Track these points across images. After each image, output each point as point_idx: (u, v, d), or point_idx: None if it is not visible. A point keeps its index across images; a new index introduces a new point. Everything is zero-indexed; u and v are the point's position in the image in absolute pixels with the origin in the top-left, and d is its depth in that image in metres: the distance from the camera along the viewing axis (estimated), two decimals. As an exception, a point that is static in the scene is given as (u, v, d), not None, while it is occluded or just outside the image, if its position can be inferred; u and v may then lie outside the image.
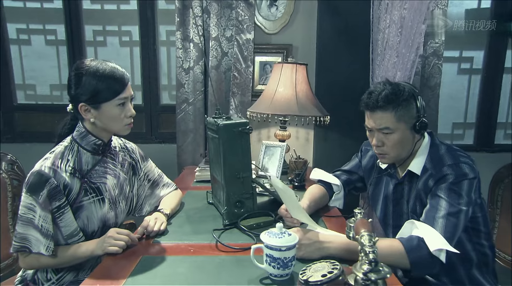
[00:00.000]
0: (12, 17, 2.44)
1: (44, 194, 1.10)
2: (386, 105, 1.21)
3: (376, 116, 1.24)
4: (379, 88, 1.23)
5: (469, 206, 1.14)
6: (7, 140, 2.50)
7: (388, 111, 1.21)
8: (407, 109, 1.22)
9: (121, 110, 1.19)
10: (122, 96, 1.18)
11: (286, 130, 2.09)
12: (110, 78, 1.16)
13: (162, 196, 1.47)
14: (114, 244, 1.09)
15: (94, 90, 1.14)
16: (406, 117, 1.22)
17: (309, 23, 2.35)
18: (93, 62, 1.18)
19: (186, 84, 2.31)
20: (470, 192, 1.15)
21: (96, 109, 1.17)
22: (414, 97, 1.23)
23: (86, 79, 1.14)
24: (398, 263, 1.05)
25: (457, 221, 1.10)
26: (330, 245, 1.06)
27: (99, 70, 1.15)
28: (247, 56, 2.28)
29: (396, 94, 1.20)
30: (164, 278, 0.96)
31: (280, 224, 0.98)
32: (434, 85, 2.30)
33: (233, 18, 2.25)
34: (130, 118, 1.22)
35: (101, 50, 2.49)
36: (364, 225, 0.78)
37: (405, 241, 1.06)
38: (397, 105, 1.20)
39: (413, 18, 1.70)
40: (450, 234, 1.08)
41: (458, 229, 1.10)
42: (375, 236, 0.75)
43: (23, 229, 1.11)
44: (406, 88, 1.23)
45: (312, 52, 2.35)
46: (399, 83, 1.25)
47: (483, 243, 1.31)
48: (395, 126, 1.22)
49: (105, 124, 1.20)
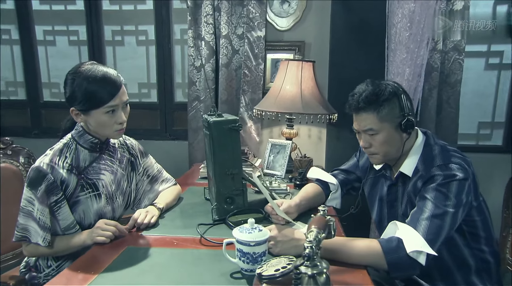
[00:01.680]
0: (39, 20, 2.64)
1: (42, 189, 1.19)
2: (367, 106, 1.20)
3: (360, 118, 1.24)
4: (361, 89, 1.23)
5: (457, 208, 1.11)
6: (34, 136, 2.72)
7: (370, 112, 1.21)
8: (389, 109, 1.20)
9: (111, 117, 1.23)
10: (110, 104, 1.21)
11: (293, 128, 2.11)
12: (99, 86, 1.19)
13: (160, 191, 1.54)
14: (101, 234, 1.18)
15: (83, 97, 1.19)
16: (389, 117, 1.20)
17: (322, 19, 2.34)
18: (87, 67, 1.21)
19: (198, 82, 2.39)
20: (459, 194, 1.12)
21: (86, 115, 1.23)
22: (396, 96, 1.21)
23: (77, 85, 1.19)
24: (376, 264, 1.05)
25: (441, 223, 1.08)
26: (307, 244, 1.08)
27: (90, 77, 1.19)
28: (258, 53, 2.32)
29: (377, 95, 1.20)
30: (140, 268, 1.03)
31: (252, 220, 1.01)
32: (455, 81, 2.22)
33: (244, 15, 2.30)
34: (120, 124, 1.26)
35: (119, 49, 2.63)
36: (317, 222, 0.80)
37: (384, 242, 1.06)
38: (378, 106, 1.20)
39: (421, 12, 1.66)
40: (432, 236, 1.06)
41: (443, 232, 1.08)
42: (323, 233, 0.76)
43: (23, 220, 1.22)
44: (388, 87, 1.21)
45: (325, 49, 2.34)
46: (381, 82, 1.24)
47: (483, 248, 1.27)
48: (378, 127, 1.21)
49: (95, 128, 1.26)
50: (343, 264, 1.04)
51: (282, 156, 1.99)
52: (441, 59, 2.19)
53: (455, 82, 2.22)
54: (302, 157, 1.94)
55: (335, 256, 1.05)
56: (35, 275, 1.34)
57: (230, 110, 2.38)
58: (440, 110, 2.27)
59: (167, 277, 0.98)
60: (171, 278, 0.97)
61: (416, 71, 1.81)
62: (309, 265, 0.70)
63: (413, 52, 1.76)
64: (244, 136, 2.37)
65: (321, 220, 0.83)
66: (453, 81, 2.22)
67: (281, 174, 1.94)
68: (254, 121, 2.38)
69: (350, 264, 1.05)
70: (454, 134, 2.28)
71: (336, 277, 0.98)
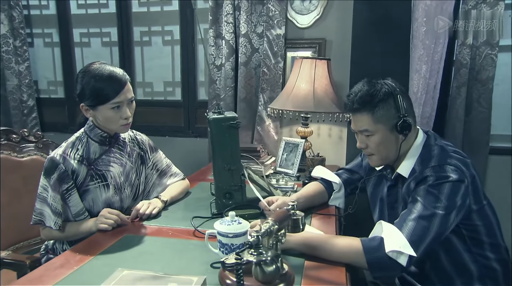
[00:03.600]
0: (76, 23, 2.89)
1: (54, 177, 1.35)
2: (362, 107, 1.22)
3: (356, 118, 1.26)
4: (357, 89, 1.25)
5: (449, 211, 1.10)
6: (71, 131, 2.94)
7: (364, 113, 1.22)
8: (384, 110, 1.21)
9: (116, 112, 1.37)
10: (115, 101, 1.34)
11: (308, 127, 2.14)
12: (106, 83, 1.33)
13: (168, 185, 1.66)
14: (104, 222, 1.31)
15: (91, 94, 1.34)
16: (384, 118, 1.21)
17: (344, 15, 2.33)
18: (95, 66, 1.37)
19: (218, 80, 2.49)
20: (453, 196, 1.11)
21: (94, 110, 1.38)
22: (392, 96, 1.21)
23: (86, 82, 1.35)
24: (356, 262, 1.07)
25: (428, 224, 1.07)
26: (290, 238, 1.12)
27: (97, 75, 1.34)
28: (277, 51, 2.37)
29: (371, 95, 1.21)
30: (131, 254, 1.14)
31: (232, 213, 1.08)
32: (486, 78, 2.12)
33: (264, 13, 2.36)
34: (126, 119, 1.39)
35: (147, 50, 2.81)
36: (276, 215, 0.85)
37: (366, 241, 1.07)
38: (373, 107, 1.21)
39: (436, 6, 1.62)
40: (417, 237, 1.06)
41: (428, 234, 1.07)
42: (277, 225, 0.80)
43: (39, 205, 1.38)
44: (384, 87, 1.22)
45: (346, 46, 2.33)
46: (378, 82, 1.24)
47: (487, 255, 1.24)
48: (373, 128, 1.23)
49: (103, 123, 1.40)
50: (325, 261, 1.07)
51: (294, 154, 2.03)
52: (471, 55, 2.10)
53: (486, 79, 2.12)
54: (315, 156, 1.97)
55: (317, 253, 1.09)
56: (51, 257, 1.50)
57: (249, 108, 2.45)
58: (470, 110, 2.18)
59: (151, 263, 1.07)
60: (155, 264, 1.06)
61: (434, 68, 1.77)
62: (254, 253, 0.75)
63: (429, 48, 1.72)
64: (262, 134, 2.44)
65: (280, 214, 0.87)
66: (485, 78, 2.12)
67: (293, 173, 1.98)
68: (272, 119, 2.43)
69: (332, 261, 1.08)
70: (485, 135, 2.18)
71: (311, 273, 1.02)
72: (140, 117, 2.87)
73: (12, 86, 2.80)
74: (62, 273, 1.00)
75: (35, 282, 0.96)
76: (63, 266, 1.05)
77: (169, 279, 0.89)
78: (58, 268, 1.04)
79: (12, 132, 1.88)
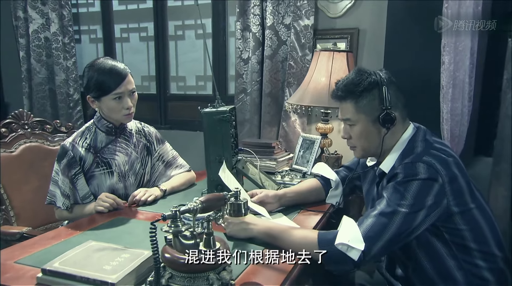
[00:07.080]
0: (117, 19, 3.32)
1: (64, 162, 1.67)
2: (345, 96, 1.33)
3: (341, 106, 1.38)
4: (345, 77, 1.37)
5: (415, 210, 1.17)
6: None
7: (348, 102, 1.34)
8: (368, 100, 1.31)
9: (118, 103, 1.64)
10: (116, 91, 1.62)
11: (328, 123, 2.25)
12: (107, 76, 1.61)
13: (173, 176, 1.91)
14: (100, 205, 1.59)
15: (95, 86, 1.63)
16: (367, 109, 1.31)
17: (379, 2, 2.39)
18: (99, 61, 1.66)
19: (245, 74, 2.70)
20: (421, 195, 1.17)
21: (99, 102, 1.66)
22: (378, 87, 1.30)
23: (90, 76, 1.64)
24: (311, 254, 1.19)
25: (388, 222, 1.16)
26: (254, 227, 1.28)
27: (100, 69, 1.62)
28: (304, 43, 2.50)
29: (356, 84, 1.31)
30: (114, 233, 1.39)
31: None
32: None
33: (292, 4, 2.50)
34: (127, 109, 1.66)
35: (180, 43, 3.12)
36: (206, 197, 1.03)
37: (322, 234, 1.19)
38: (356, 96, 1.31)
39: None
40: (373, 234, 1.15)
41: (387, 231, 1.15)
42: (202, 204, 0.98)
43: (53, 187, 1.72)
44: (370, 78, 1.31)
45: (381, 36, 2.39)
46: (367, 71, 1.34)
47: (476, 263, 1.27)
48: (355, 118, 1.33)
49: (107, 113, 1.69)
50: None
51: (310, 151, 2.16)
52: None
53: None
54: (331, 154, 2.08)
55: (276, 242, 1.24)
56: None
57: (274, 103, 2.62)
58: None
59: (125, 240, 1.29)
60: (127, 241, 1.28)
61: (459, 59, 1.77)
62: (171, 225, 0.95)
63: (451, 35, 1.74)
64: (287, 131, 2.59)
65: (211, 196, 1.05)
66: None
67: (308, 170, 2.11)
68: (299, 115, 2.57)
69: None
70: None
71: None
72: (174, 111, 3.23)
73: (60, 81, 3.31)
74: (49, 242, 1.29)
75: (27, 248, 1.26)
76: (54, 237, 1.35)
77: (125, 251, 1.12)
78: (49, 239, 1.33)
79: (46, 123, 2.29)
